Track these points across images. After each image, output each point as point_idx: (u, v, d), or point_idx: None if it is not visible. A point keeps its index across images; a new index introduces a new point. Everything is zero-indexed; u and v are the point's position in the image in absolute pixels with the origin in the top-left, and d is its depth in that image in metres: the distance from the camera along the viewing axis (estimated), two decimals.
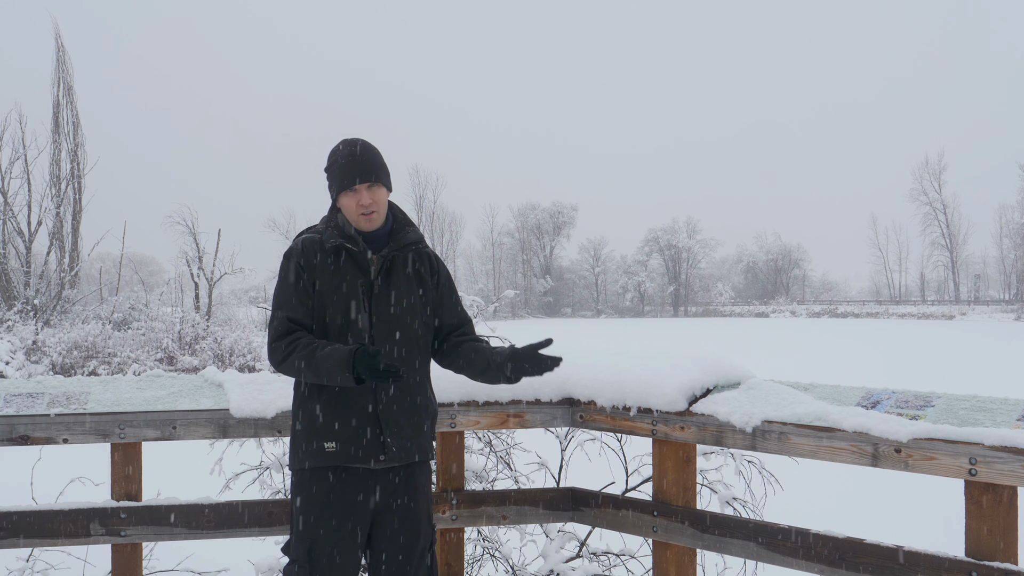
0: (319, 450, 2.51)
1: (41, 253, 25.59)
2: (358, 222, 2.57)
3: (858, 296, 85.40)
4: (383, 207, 2.61)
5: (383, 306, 2.56)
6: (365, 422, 2.51)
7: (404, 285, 2.61)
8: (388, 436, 2.52)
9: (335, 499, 2.51)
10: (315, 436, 2.52)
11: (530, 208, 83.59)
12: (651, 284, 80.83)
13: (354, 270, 2.57)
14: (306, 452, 2.54)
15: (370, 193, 2.55)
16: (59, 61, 28.25)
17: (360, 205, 2.55)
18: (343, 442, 2.50)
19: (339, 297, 2.54)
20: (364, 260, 2.57)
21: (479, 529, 3.82)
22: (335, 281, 2.55)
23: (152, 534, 2.98)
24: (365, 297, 2.55)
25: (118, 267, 30.83)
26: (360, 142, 2.61)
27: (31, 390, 3.06)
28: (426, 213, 76.63)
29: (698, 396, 2.87)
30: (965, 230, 77.59)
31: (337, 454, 2.50)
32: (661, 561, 2.93)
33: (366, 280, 2.56)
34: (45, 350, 16.72)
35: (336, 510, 2.51)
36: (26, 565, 3.62)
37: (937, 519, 4.41)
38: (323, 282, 2.55)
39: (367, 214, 2.56)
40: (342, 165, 2.56)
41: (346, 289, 2.54)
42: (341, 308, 2.53)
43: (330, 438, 2.51)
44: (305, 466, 2.54)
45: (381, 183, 2.58)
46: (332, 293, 2.54)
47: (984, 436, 2.23)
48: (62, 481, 3.86)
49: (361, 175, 2.54)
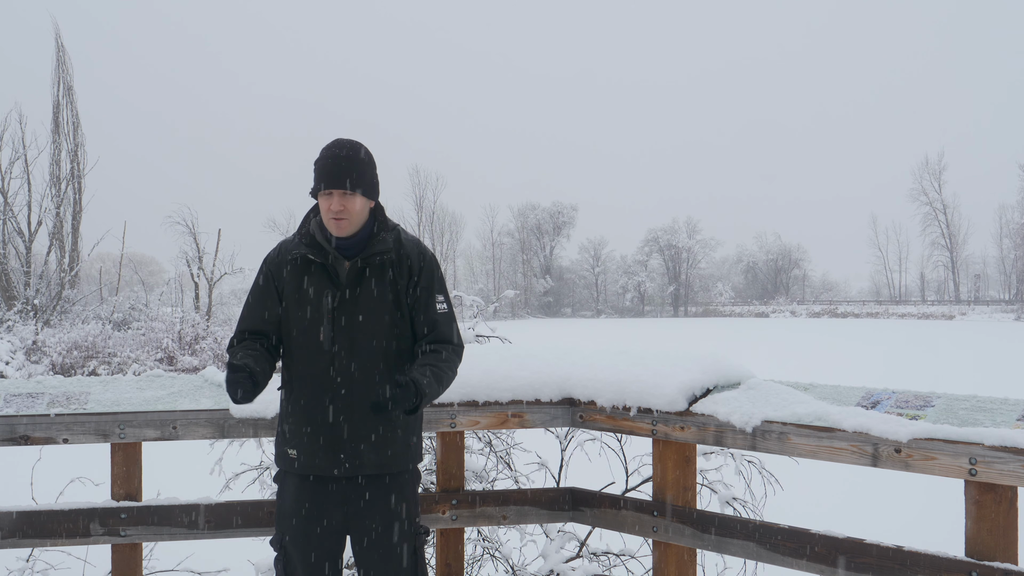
0: (283, 455, 2.57)
1: (41, 253, 25.61)
2: (329, 226, 2.51)
3: (858, 296, 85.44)
4: (356, 215, 2.50)
5: (350, 316, 2.50)
6: (323, 432, 2.50)
7: (373, 294, 2.52)
8: (344, 449, 2.50)
9: (302, 502, 2.53)
10: (283, 441, 2.58)
11: (530, 208, 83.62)
12: (651, 284, 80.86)
13: (321, 279, 2.51)
14: (278, 454, 2.61)
15: (342, 200, 2.45)
16: (59, 61, 28.27)
17: (330, 210, 2.48)
18: (303, 450, 2.52)
19: (302, 307, 2.51)
20: (332, 269, 2.51)
21: (479, 529, 3.82)
22: (300, 290, 2.52)
23: (152, 534, 2.98)
24: (330, 308, 2.50)
25: (118, 267, 30.86)
26: (348, 145, 2.51)
27: (31, 390, 3.06)
28: (426, 213, 76.65)
29: (698, 396, 2.87)
30: (965, 230, 77.71)
31: (298, 461, 2.53)
32: (661, 561, 2.93)
33: (333, 290, 2.51)
34: (45, 350, 16.73)
35: (307, 511, 2.53)
36: (26, 565, 3.62)
37: (937, 519, 4.41)
38: (289, 291, 2.54)
39: (337, 220, 2.48)
40: (321, 166, 2.49)
41: (310, 298, 2.51)
42: (304, 318, 2.51)
43: (292, 445, 2.54)
44: (279, 468, 2.61)
45: (356, 191, 2.47)
46: (296, 302, 2.52)
47: (984, 436, 2.23)
48: (62, 481, 3.85)
49: (334, 181, 2.46)
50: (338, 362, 2.49)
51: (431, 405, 3.00)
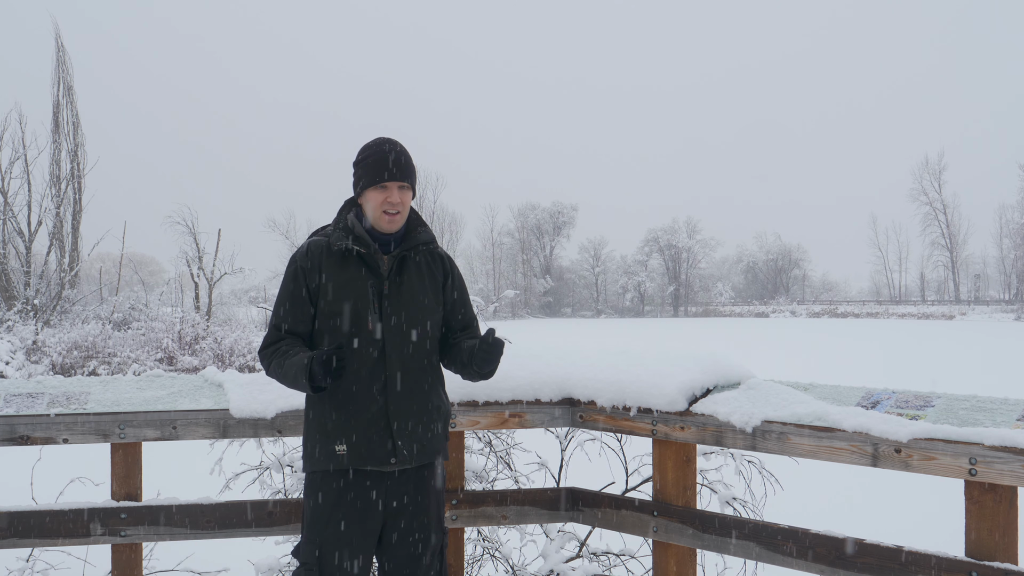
0: (331, 453, 2.48)
1: (41, 253, 25.60)
2: (379, 221, 2.53)
3: (858, 296, 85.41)
4: (407, 211, 2.59)
5: (395, 307, 2.51)
6: (375, 424, 2.47)
7: (417, 285, 2.57)
8: (399, 439, 2.48)
9: (346, 502, 2.47)
10: (326, 438, 2.49)
11: (530, 208, 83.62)
12: (651, 284, 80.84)
13: (364, 272, 2.52)
14: (318, 454, 2.50)
15: (400, 193, 2.53)
16: (59, 61, 28.26)
17: (388, 203, 2.51)
18: (354, 445, 2.46)
19: (349, 301, 2.49)
20: (375, 261, 2.52)
21: (479, 529, 3.82)
22: (343, 284, 2.50)
23: (152, 534, 2.98)
24: (375, 299, 2.50)
25: (118, 267, 30.85)
26: (396, 142, 2.58)
27: (31, 390, 3.06)
28: (426, 213, 76.56)
29: (698, 396, 2.87)
30: (965, 230, 77.67)
31: (348, 457, 2.46)
32: (661, 561, 2.93)
33: (377, 281, 2.52)
34: (45, 350, 16.72)
35: (347, 513, 2.47)
36: (26, 565, 3.62)
37: (937, 519, 4.41)
38: (330, 286, 2.50)
39: (392, 214, 2.52)
40: (378, 160, 2.51)
41: (356, 292, 2.50)
42: (351, 312, 2.49)
43: (341, 440, 2.47)
44: (317, 468, 2.51)
45: (411, 186, 2.57)
46: (341, 297, 2.50)
47: (984, 436, 2.23)
48: (62, 481, 3.85)
49: (396, 174, 2.51)
50: (388, 352, 2.49)
51: None
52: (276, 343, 2.52)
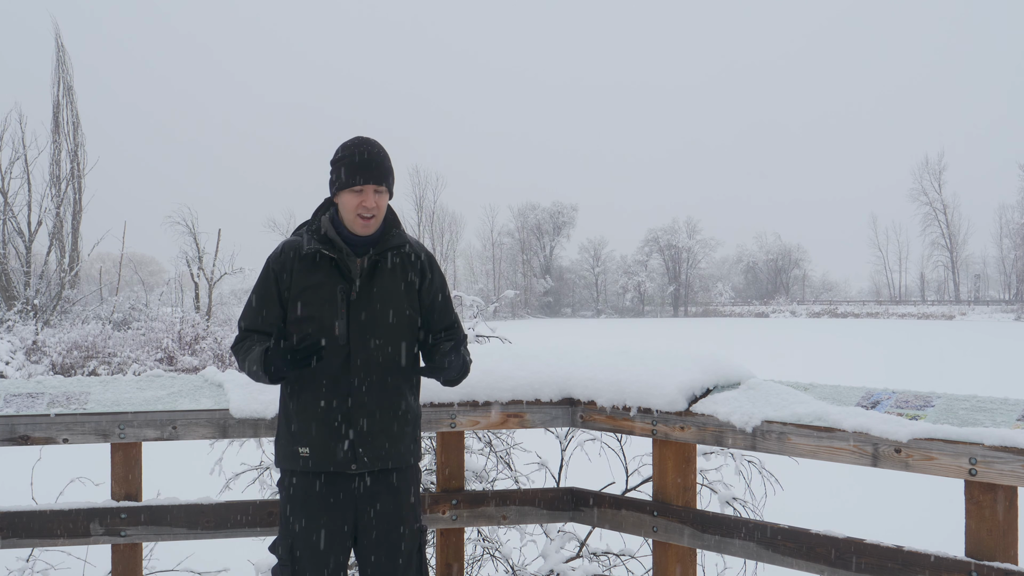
0: (294, 454, 2.51)
1: (41, 253, 25.62)
2: (353, 224, 2.50)
3: (858, 296, 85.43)
4: (383, 214, 2.54)
5: (363, 311, 2.49)
6: (336, 428, 2.47)
7: (389, 289, 2.53)
8: (360, 444, 2.47)
9: (313, 501, 2.49)
10: (291, 439, 2.52)
11: (530, 208, 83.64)
12: (651, 284, 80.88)
13: (334, 275, 2.50)
14: (285, 454, 2.54)
15: (375, 197, 2.49)
16: (59, 61, 28.28)
17: (363, 206, 2.47)
18: (316, 448, 2.47)
19: (315, 304, 2.49)
20: (346, 265, 2.50)
21: (479, 529, 3.82)
22: (312, 287, 2.49)
23: (152, 534, 2.98)
24: (343, 303, 2.48)
25: (118, 267, 30.87)
26: (373, 142, 2.53)
27: (31, 390, 3.06)
28: (426, 213, 76.60)
29: (698, 396, 2.87)
30: (965, 230, 77.77)
31: (310, 459, 2.48)
32: (661, 561, 2.93)
33: (346, 285, 2.49)
34: (45, 350, 16.73)
35: (314, 512, 2.49)
36: (26, 565, 3.62)
37: (937, 519, 4.41)
38: (299, 289, 2.50)
39: (367, 218, 2.49)
40: (353, 162, 2.47)
41: (323, 296, 2.49)
42: (318, 315, 2.48)
43: (304, 443, 2.49)
44: (285, 467, 2.54)
45: (387, 189, 2.53)
46: (308, 300, 2.49)
47: (984, 436, 2.23)
48: (62, 481, 3.85)
49: (371, 176, 2.47)
50: (354, 356, 2.47)
51: (431, 405, 3.02)
52: (243, 341, 2.56)
